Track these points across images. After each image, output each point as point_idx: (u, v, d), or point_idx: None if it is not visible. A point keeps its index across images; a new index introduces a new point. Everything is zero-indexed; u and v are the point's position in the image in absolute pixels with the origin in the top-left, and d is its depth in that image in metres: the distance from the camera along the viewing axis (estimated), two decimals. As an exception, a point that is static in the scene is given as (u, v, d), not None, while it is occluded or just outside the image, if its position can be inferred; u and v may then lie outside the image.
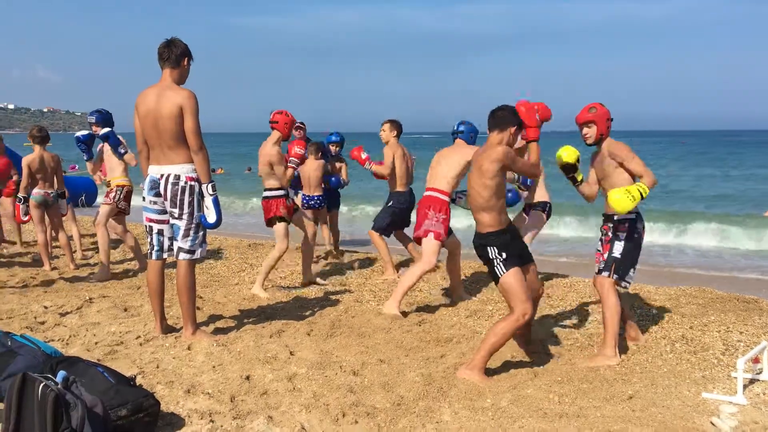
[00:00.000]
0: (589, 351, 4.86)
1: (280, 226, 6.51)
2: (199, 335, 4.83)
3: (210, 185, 4.67)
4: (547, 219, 6.69)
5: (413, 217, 7.22)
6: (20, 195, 7.40)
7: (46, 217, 7.87)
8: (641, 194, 4.45)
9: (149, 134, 4.66)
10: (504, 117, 4.33)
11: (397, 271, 7.46)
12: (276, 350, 4.61)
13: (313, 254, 7.22)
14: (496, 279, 4.32)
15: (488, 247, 4.30)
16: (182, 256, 4.76)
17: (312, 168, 8.47)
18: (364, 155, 7.24)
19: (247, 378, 4.05)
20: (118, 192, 7.20)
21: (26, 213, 7.43)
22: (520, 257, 4.36)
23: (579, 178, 4.87)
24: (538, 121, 4.49)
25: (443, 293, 6.62)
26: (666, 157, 47.75)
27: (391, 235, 7.43)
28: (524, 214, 6.79)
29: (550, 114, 4.69)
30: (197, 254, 4.79)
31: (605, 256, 4.74)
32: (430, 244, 5.86)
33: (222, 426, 3.35)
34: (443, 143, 7.03)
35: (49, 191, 7.72)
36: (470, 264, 7.90)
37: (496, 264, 4.27)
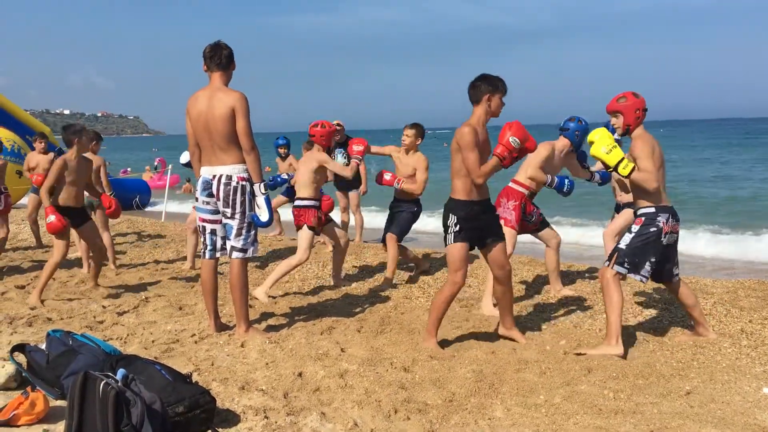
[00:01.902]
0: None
1: (306, 235, 6.33)
2: (251, 333, 4.91)
3: (262, 185, 4.75)
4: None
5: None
6: None
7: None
8: (618, 161, 4.48)
9: (201, 136, 4.75)
10: (475, 88, 4.49)
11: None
12: (327, 347, 4.65)
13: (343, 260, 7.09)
14: (445, 244, 4.64)
15: (450, 214, 4.56)
16: (235, 254, 4.84)
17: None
18: (388, 176, 6.93)
19: (300, 375, 4.10)
20: None
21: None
22: (478, 232, 4.56)
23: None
24: (513, 143, 4.43)
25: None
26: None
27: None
28: (616, 213, 6.74)
29: (534, 147, 4.59)
30: (250, 253, 4.87)
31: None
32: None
33: (276, 422, 3.40)
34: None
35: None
36: (519, 258, 7.85)
37: (448, 232, 4.57)
